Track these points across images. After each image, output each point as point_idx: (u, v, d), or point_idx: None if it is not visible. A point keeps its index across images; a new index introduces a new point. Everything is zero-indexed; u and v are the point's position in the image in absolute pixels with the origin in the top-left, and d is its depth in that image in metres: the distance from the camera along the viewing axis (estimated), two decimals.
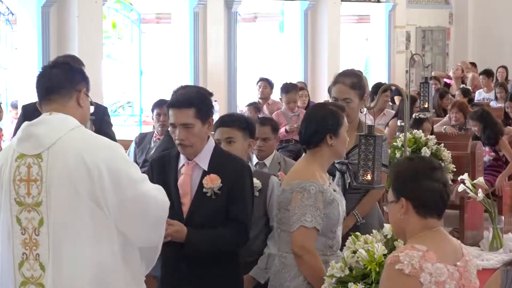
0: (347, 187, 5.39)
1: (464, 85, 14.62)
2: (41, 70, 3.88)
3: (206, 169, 4.47)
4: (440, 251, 3.35)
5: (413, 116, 9.37)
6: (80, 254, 3.60)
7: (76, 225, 3.60)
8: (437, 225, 3.41)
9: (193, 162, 4.50)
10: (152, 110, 7.65)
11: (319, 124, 4.59)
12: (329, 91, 6.18)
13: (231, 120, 5.19)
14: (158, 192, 3.82)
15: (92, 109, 3.93)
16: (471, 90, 14.51)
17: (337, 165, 5.38)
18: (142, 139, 7.69)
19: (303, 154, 4.79)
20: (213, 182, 4.42)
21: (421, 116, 9.48)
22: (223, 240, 4.42)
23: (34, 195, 3.64)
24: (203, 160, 4.49)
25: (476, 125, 9.55)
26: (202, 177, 4.46)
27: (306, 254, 4.45)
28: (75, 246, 3.60)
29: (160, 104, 7.46)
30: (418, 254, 3.27)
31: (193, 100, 4.44)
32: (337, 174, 5.42)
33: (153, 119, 7.70)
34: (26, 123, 3.78)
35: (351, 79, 5.51)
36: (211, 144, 4.55)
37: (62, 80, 3.79)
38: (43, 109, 3.80)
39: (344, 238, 5.06)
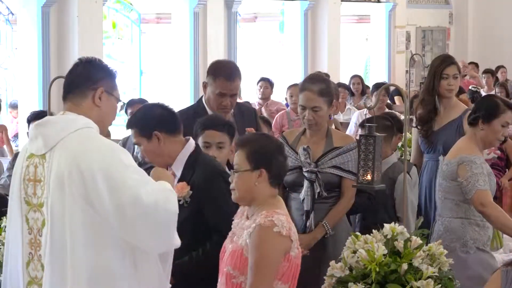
0: (316, 196, 5.08)
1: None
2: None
3: (179, 177, 4.49)
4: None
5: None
6: (78, 257, 3.52)
7: (72, 228, 3.53)
8: (277, 193, 3.93)
9: (171, 169, 4.52)
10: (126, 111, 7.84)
11: (477, 108, 5.44)
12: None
13: (221, 124, 4.99)
14: (162, 195, 3.58)
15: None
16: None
17: (305, 174, 5.10)
18: (126, 142, 7.64)
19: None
20: (179, 190, 4.40)
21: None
22: (207, 258, 4.33)
23: (38, 195, 3.64)
24: (178, 168, 4.52)
25: None
26: None
27: (487, 207, 5.14)
28: (72, 249, 3.53)
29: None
30: (284, 218, 3.76)
31: (132, 120, 4.57)
32: (306, 183, 5.09)
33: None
34: (36, 122, 3.77)
35: (319, 86, 5.10)
36: (186, 151, 4.53)
37: (79, 79, 3.72)
38: (63, 108, 3.77)
39: (312, 251, 5.01)
